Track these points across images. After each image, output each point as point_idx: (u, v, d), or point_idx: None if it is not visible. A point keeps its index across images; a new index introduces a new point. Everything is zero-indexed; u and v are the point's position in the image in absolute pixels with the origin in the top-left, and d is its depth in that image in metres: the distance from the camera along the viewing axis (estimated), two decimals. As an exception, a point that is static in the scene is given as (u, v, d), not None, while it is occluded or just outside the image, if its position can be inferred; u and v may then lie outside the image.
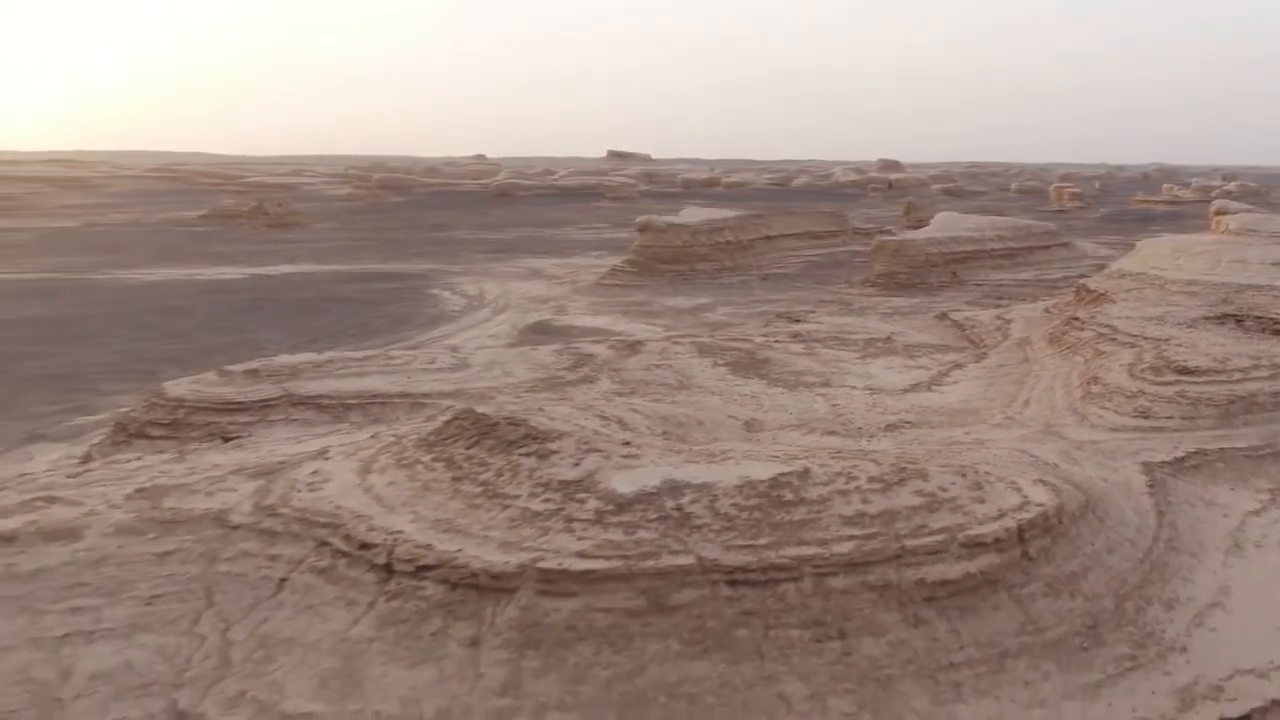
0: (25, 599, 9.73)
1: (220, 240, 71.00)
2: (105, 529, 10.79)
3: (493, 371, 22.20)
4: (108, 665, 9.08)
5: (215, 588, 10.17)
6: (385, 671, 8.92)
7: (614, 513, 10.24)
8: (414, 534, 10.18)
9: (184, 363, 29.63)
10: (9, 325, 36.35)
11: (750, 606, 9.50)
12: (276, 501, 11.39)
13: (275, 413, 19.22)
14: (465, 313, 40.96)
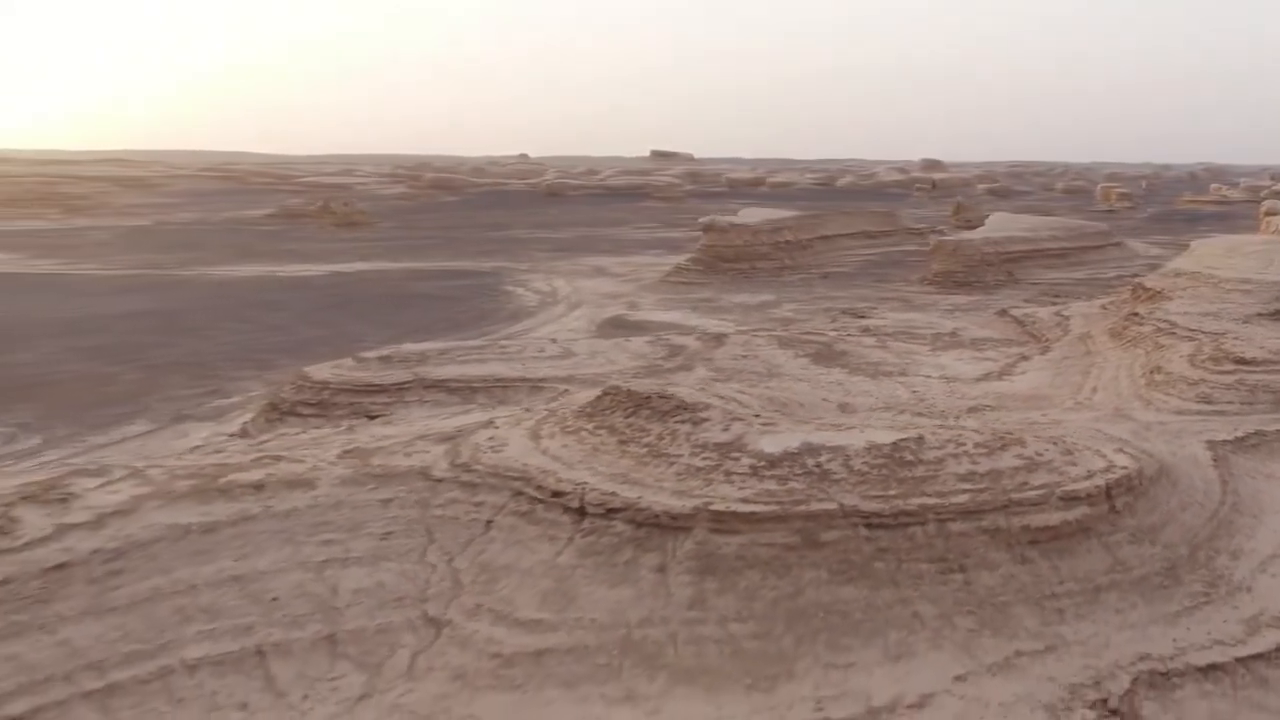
0: (285, 533, 11.87)
1: (290, 239, 73.84)
2: (333, 480, 12.92)
3: (597, 360, 24.27)
4: (365, 584, 11.20)
5: (433, 528, 12.26)
6: (592, 590, 10.97)
7: (765, 468, 12.24)
8: (598, 484, 12.21)
9: (293, 353, 32.05)
10: (126, 318, 39.00)
11: (885, 545, 11.44)
12: (469, 460, 13.48)
13: (410, 394, 21.39)
14: (542, 308, 43.15)
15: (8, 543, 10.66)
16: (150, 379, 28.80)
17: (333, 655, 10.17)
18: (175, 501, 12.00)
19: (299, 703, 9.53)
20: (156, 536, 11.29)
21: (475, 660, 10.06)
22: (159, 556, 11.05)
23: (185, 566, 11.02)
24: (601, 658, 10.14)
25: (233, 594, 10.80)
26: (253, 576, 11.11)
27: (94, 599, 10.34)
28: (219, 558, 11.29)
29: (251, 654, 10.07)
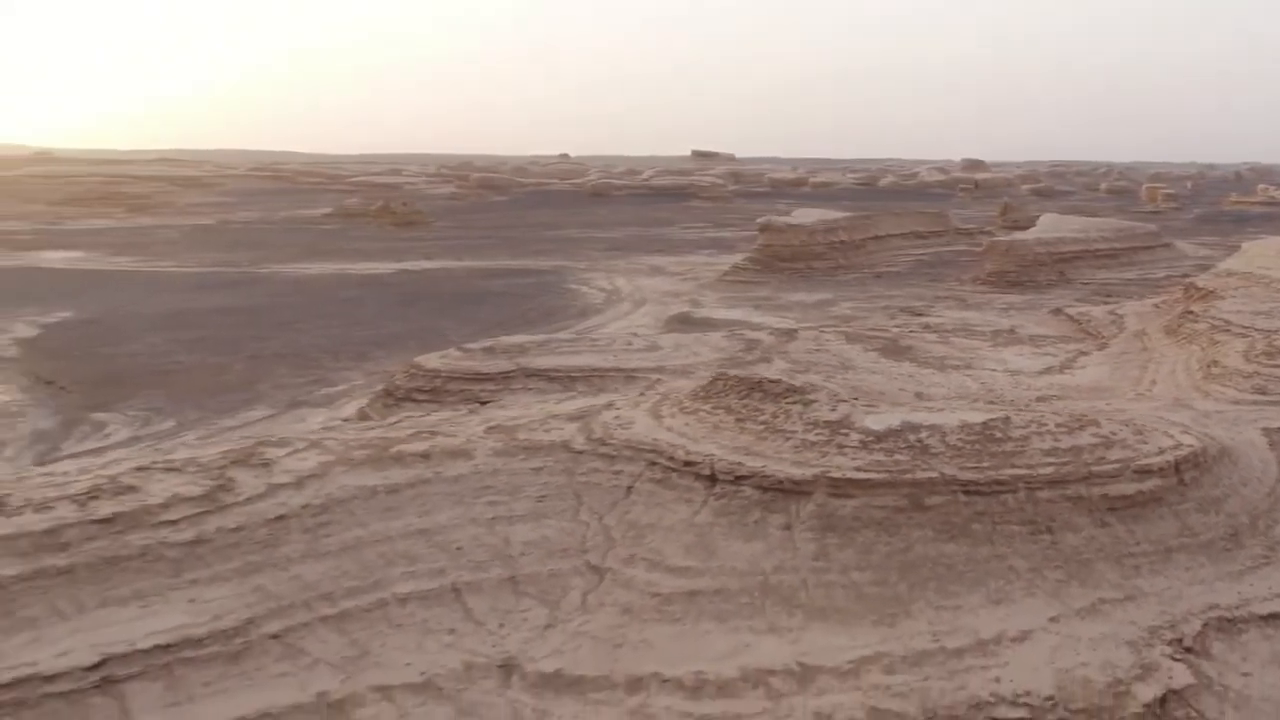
0: (455, 495, 13.71)
1: (352, 237, 76.21)
2: (488, 451, 14.76)
3: (681, 353, 26.00)
4: (531, 537, 13.01)
5: (581, 492, 14.06)
6: (729, 544, 12.72)
7: (873, 442, 13.93)
8: (724, 455, 13.96)
9: (384, 346, 34.11)
10: (216, 313, 41.26)
11: (981, 509, 13.09)
12: (602, 435, 15.26)
13: (515, 382, 23.21)
14: (608, 305, 44.96)
15: (232, 498, 12.58)
16: (257, 369, 30.89)
17: (516, 593, 12.00)
18: (357, 467, 13.90)
19: (496, 629, 11.35)
20: (351, 495, 13.18)
21: (638, 598, 11.84)
22: (355, 512, 12.94)
23: (378, 521, 12.90)
24: (745, 598, 11.88)
25: (422, 544, 12.66)
26: (436, 530, 12.96)
27: (310, 544, 12.23)
28: (404, 514, 13.15)
29: (449, 591, 11.91)
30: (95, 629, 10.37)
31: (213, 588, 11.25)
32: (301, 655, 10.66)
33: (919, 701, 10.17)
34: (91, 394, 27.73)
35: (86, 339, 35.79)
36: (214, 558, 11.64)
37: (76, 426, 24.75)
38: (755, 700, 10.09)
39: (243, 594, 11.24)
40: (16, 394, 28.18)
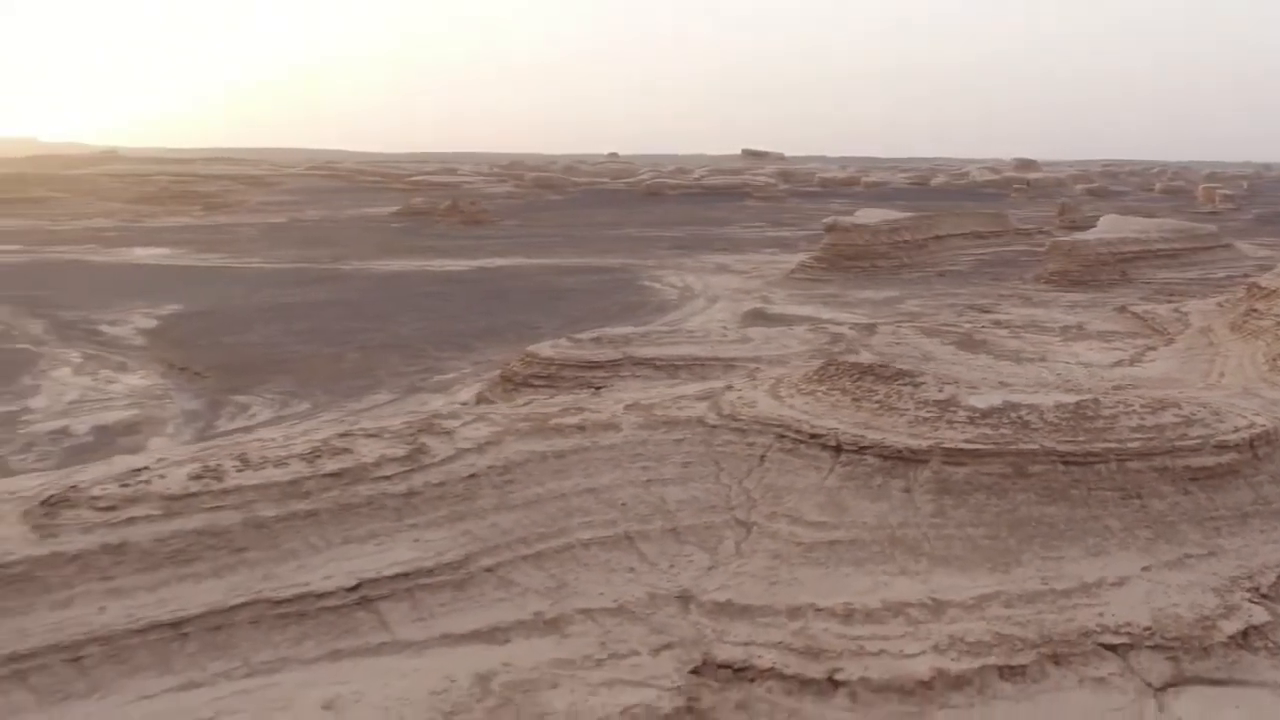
0: (612, 460, 15.76)
1: (422, 236, 78.86)
2: (633, 425, 16.81)
3: (772, 344, 27.94)
4: (684, 496, 15.04)
5: (719, 460, 16.06)
6: (857, 503, 14.67)
7: (979, 418, 15.80)
8: (847, 429, 15.90)
9: (483, 337, 36.37)
10: (317, 306, 43.83)
11: (1078, 477, 14.93)
12: (731, 413, 17.25)
13: (623, 370, 25.28)
14: (683, 302, 46.96)
15: (429, 459, 14.74)
16: (370, 358, 33.25)
17: (679, 541, 14.04)
18: (525, 436, 16.01)
19: (667, 569, 13.40)
20: (525, 459, 15.30)
21: (784, 546, 13.83)
22: (532, 473, 15.05)
23: (552, 481, 15.00)
24: (876, 547, 13.83)
25: (592, 500, 14.73)
26: (602, 489, 15.03)
27: (500, 499, 14.35)
28: (572, 476, 15.24)
29: (623, 538, 13.98)
30: (345, 560, 12.56)
31: (430, 530, 13.41)
32: (513, 585, 12.78)
33: (1036, 629, 12.06)
34: (225, 379, 30.21)
35: (204, 330, 38.41)
36: (426, 507, 13.80)
37: (222, 407, 27.20)
38: (897, 626, 12.03)
39: (455, 536, 13.39)
40: (156, 378, 30.74)
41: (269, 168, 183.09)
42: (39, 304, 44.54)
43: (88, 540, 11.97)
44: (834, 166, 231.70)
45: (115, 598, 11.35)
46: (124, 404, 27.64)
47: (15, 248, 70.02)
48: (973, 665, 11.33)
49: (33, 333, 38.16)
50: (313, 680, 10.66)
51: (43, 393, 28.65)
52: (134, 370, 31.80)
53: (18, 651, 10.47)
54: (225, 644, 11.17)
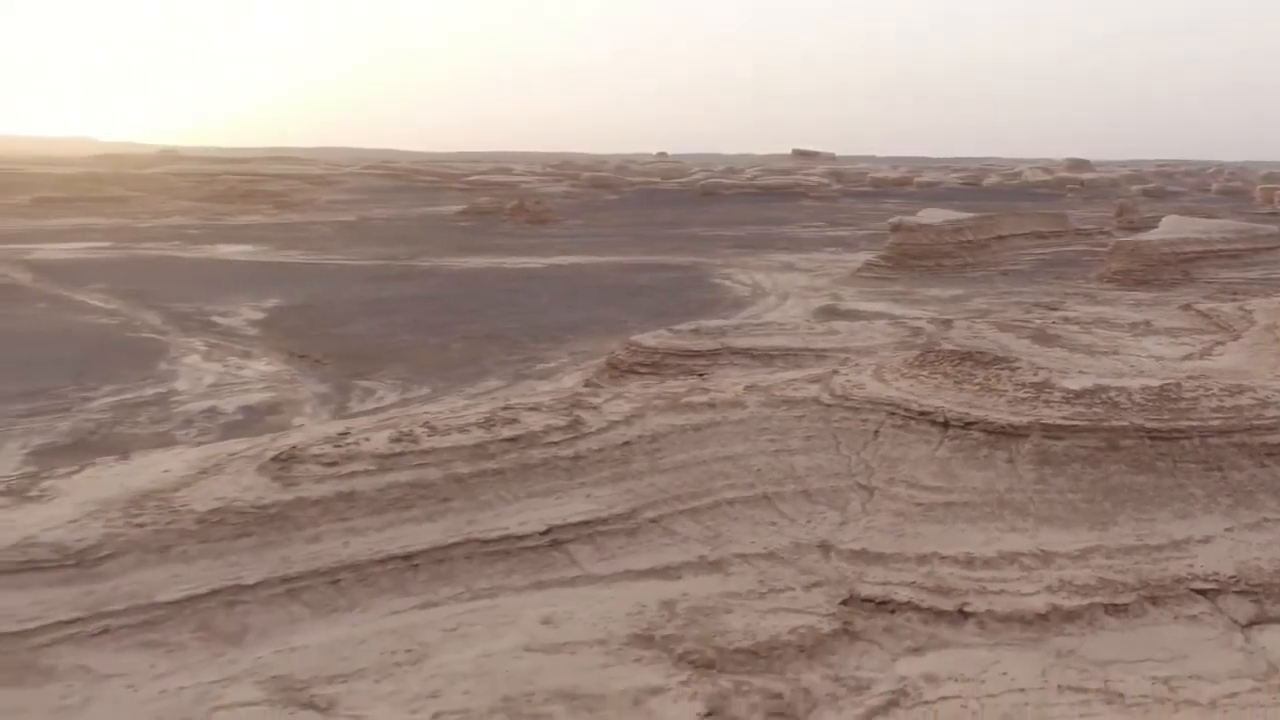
0: (742, 433, 17.75)
1: (491, 234, 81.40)
2: (756, 403, 18.79)
3: (857, 337, 29.78)
4: (810, 464, 17.00)
5: (837, 434, 18.01)
6: (966, 471, 16.56)
7: (1072, 398, 17.62)
8: (952, 407, 17.77)
9: (572, 330, 38.53)
10: (410, 300, 46.30)
11: (1164, 451, 16.70)
12: (843, 394, 19.18)
13: (721, 359, 27.25)
14: (755, 299, 48.87)
15: (586, 429, 16.85)
16: (473, 349, 35.54)
17: (811, 501, 16.02)
18: (662, 412, 18.07)
19: (805, 524, 15.39)
20: (667, 431, 17.35)
21: (905, 506, 15.77)
22: (675, 442, 17.09)
23: (693, 449, 17.04)
24: (986, 508, 15.72)
25: (730, 466, 16.75)
26: (736, 457, 17.04)
27: (652, 463, 16.42)
28: (709, 445, 17.27)
29: (762, 498, 15.99)
30: (533, 510, 14.69)
31: (597, 488, 15.51)
32: (675, 534, 14.84)
33: (1134, 575, 13.91)
34: (344, 366, 32.62)
35: (310, 321, 40.96)
36: (591, 468, 15.91)
37: (350, 391, 29.58)
38: (1013, 571, 13.93)
39: (619, 493, 15.48)
40: (280, 365, 33.23)
41: (325, 167, 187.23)
42: (148, 297, 47.41)
43: (322, 489, 14.21)
44: (884, 166, 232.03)
45: (354, 535, 13.56)
46: (260, 387, 30.11)
47: (107, 244, 73.44)
48: (1082, 603, 13.21)
49: (152, 323, 40.92)
50: (526, 603, 12.78)
51: (182, 377, 31.20)
52: (258, 357, 34.32)
53: (288, 575, 12.70)
54: (448, 574, 13.33)
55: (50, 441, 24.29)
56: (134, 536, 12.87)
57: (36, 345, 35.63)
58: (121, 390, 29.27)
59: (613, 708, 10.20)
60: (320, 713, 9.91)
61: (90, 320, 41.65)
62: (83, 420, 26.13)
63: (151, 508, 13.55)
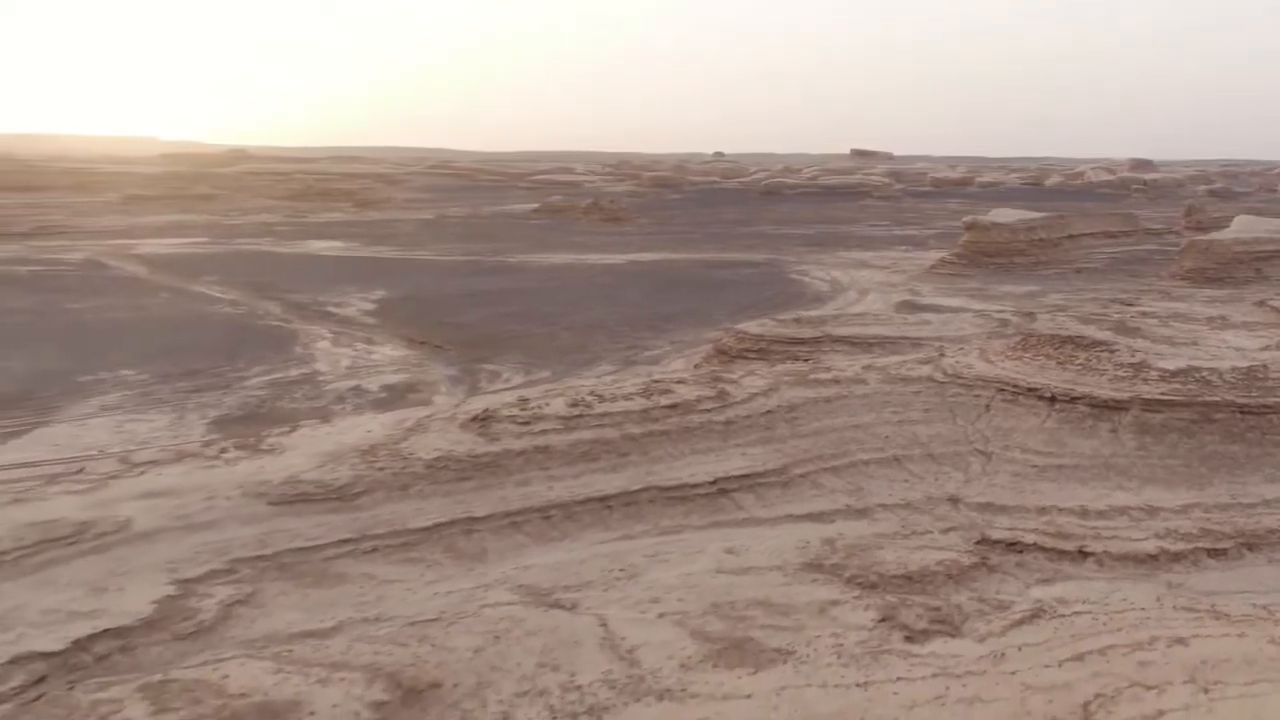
0: (867, 406, 19.90)
1: (567, 232, 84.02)
2: (877, 380, 20.94)
3: (949, 327, 31.79)
4: (930, 433, 19.12)
5: (952, 407, 20.11)
6: (1072, 440, 18.59)
7: (1168, 377, 19.57)
8: (1057, 384, 19.81)
9: (669, 320, 40.79)
10: (505, 293, 48.90)
11: (1253, 424, 18.62)
12: (954, 373, 21.27)
13: (824, 346, 29.38)
14: (835, 294, 50.83)
15: (731, 399, 19.12)
16: (580, 337, 37.98)
17: (936, 463, 18.16)
18: (794, 386, 20.30)
19: (933, 481, 17.54)
20: (801, 402, 19.58)
21: (1021, 468, 17.86)
22: (809, 412, 19.32)
23: (826, 418, 19.25)
24: (1094, 471, 17.76)
25: (861, 433, 18.94)
26: (865, 425, 19.23)
27: (793, 429, 18.66)
28: (840, 415, 19.47)
29: (893, 460, 18.17)
30: (699, 465, 17.00)
31: (750, 448, 17.79)
32: (822, 487, 17.09)
33: (1231, 526, 15.90)
34: (464, 352, 35.22)
35: (419, 311, 43.70)
36: (741, 432, 18.20)
37: (477, 374, 32.15)
38: (1122, 521, 15.98)
39: (769, 452, 17.75)
40: (405, 350, 35.93)
41: (389, 166, 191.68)
42: (261, 289, 50.53)
43: (522, 443, 16.65)
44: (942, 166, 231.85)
45: (555, 480, 15.97)
46: (392, 369, 32.79)
47: (205, 239, 77.17)
48: (1186, 547, 15.24)
49: (274, 312, 43.92)
50: (708, 538, 15.09)
51: (319, 360, 33.98)
52: (382, 343, 37.06)
53: (508, 510, 15.13)
54: (638, 515, 15.70)
55: (225, 413, 27.08)
56: (378, 478, 15.39)
57: (176, 331, 38.67)
58: (270, 371, 32.09)
59: (802, 613, 12.43)
60: (567, 611, 12.24)
61: (216, 309, 44.76)
62: (246, 396, 28.93)
63: (384, 455, 16.07)
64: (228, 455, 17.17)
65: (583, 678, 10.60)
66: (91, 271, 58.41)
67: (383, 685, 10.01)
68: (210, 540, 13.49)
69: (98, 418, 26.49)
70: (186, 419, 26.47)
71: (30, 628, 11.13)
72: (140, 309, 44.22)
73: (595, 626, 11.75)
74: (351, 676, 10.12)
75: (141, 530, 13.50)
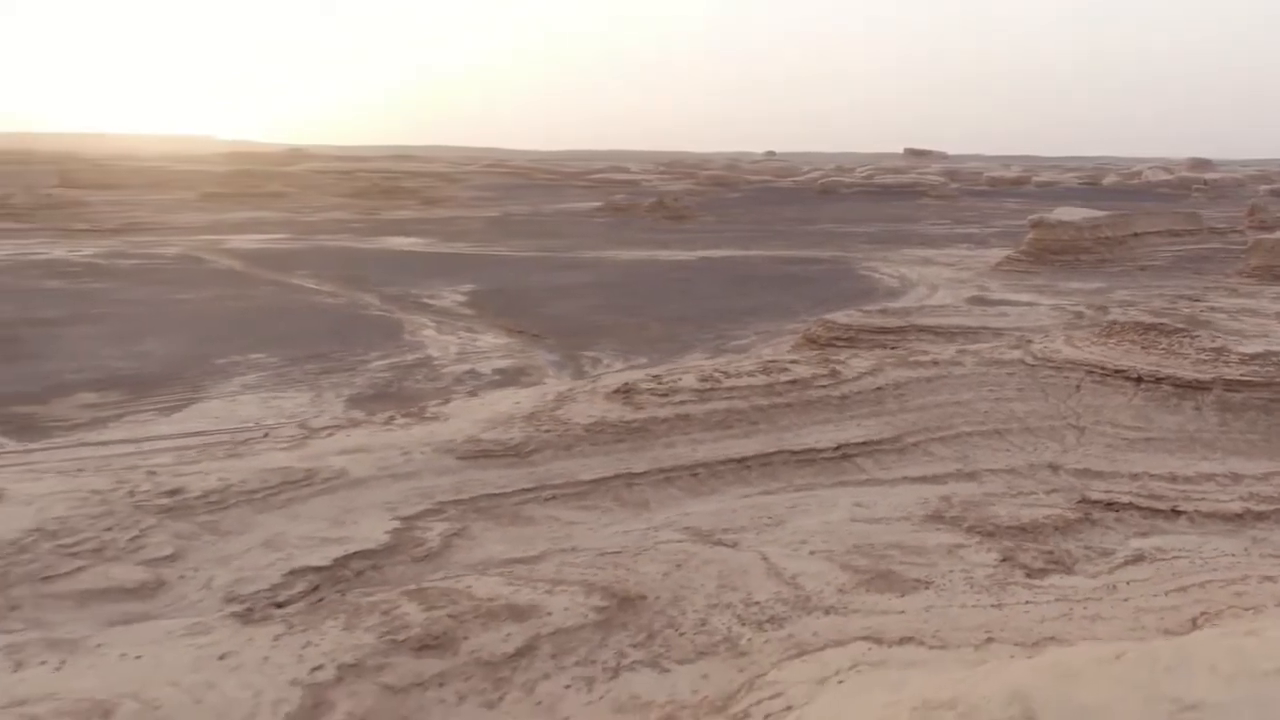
0: (966, 384, 21.75)
1: (634, 229, 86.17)
2: (972, 362, 22.77)
3: (1027, 318, 33.46)
4: (1025, 409, 20.94)
5: (1044, 388, 21.90)
6: (1158, 416, 20.32)
7: (1248, 360, 21.22)
8: (1142, 367, 21.53)
9: (750, 313, 42.72)
10: (587, 287, 51.13)
11: (1328, 403, 20.23)
12: (1043, 356, 23.04)
13: (909, 335, 31.17)
14: (906, 290, 52.45)
15: (845, 378, 21.06)
16: (669, 328, 40.06)
17: (1034, 435, 19.99)
18: (897, 367, 22.19)
19: (1032, 451, 19.37)
20: (905, 381, 21.47)
21: (1112, 441, 19.64)
22: (914, 390, 21.21)
23: (928, 396, 21.13)
24: (1179, 444, 19.50)
25: (961, 409, 20.80)
26: (965, 402, 21.09)
27: (900, 404, 20.57)
28: (941, 393, 21.34)
29: (994, 432, 20.02)
30: (821, 433, 18.99)
31: (864, 420, 19.74)
32: (933, 454, 19.00)
33: (1310, 492, 17.59)
34: (562, 340, 37.43)
35: (510, 303, 46.01)
36: (854, 406, 20.15)
37: (579, 360, 34.33)
38: (1209, 485, 17.72)
39: (882, 424, 19.69)
40: (506, 338, 38.22)
41: (445, 165, 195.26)
42: (354, 282, 53.17)
43: (665, 411, 18.74)
44: (996, 165, 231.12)
45: (697, 444, 18.05)
46: (499, 355, 35.07)
47: (285, 235, 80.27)
48: (1269, 508, 16.94)
49: (373, 303, 46.47)
50: (837, 494, 17.08)
51: (429, 347, 36.36)
52: (482, 332, 39.39)
53: (661, 468, 17.23)
54: (773, 474, 17.73)
55: (357, 392, 29.48)
56: (545, 438, 17.56)
57: (288, 320, 41.29)
58: (387, 355, 34.51)
59: (933, 553, 14.37)
60: (730, 548, 14.28)
61: (319, 300, 47.41)
62: (372, 378, 31.34)
63: (546, 420, 18.25)
64: (398, 422, 19.46)
65: (758, 596, 12.63)
66: (189, 265, 61.49)
67: (599, 595, 12.11)
68: (416, 486, 15.72)
69: (244, 395, 29.00)
70: (324, 396, 28.89)
71: (295, 549, 13.39)
72: (249, 299, 46.97)
73: (758, 560, 13.77)
74: (571, 589, 12.23)
75: (357, 477, 15.76)
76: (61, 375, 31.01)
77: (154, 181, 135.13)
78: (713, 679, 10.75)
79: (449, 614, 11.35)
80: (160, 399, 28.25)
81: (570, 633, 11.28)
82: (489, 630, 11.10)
